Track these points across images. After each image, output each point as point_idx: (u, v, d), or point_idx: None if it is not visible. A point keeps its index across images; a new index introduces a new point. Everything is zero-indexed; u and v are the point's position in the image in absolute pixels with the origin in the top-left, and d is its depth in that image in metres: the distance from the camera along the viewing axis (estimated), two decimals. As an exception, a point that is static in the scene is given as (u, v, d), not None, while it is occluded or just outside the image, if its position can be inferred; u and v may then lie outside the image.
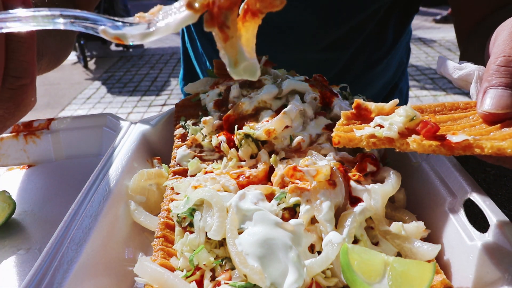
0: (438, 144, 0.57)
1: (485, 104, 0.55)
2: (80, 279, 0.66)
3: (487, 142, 0.54)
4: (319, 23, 1.27)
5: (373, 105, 0.70)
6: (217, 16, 0.44)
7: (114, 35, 0.46)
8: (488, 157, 0.58)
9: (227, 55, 0.46)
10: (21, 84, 0.57)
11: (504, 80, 0.54)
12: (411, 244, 0.70)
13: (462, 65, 0.70)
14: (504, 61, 0.55)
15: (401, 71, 1.61)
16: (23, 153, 1.26)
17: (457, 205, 0.76)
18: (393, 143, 0.62)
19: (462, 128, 0.60)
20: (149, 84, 6.78)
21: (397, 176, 0.80)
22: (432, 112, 0.65)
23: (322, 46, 1.33)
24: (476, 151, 0.54)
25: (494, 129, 0.56)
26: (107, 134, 1.24)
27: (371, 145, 0.64)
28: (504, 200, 1.04)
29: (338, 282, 0.66)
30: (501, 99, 0.53)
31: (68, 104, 6.14)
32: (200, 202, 0.75)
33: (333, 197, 0.73)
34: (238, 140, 0.91)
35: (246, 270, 0.63)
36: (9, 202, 1.01)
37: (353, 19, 1.27)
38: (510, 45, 0.55)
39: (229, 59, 0.46)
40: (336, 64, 1.40)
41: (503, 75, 0.54)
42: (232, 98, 1.02)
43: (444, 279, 0.66)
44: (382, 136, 0.63)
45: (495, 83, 0.54)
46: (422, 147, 0.59)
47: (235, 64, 0.46)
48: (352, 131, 0.67)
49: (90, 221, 0.74)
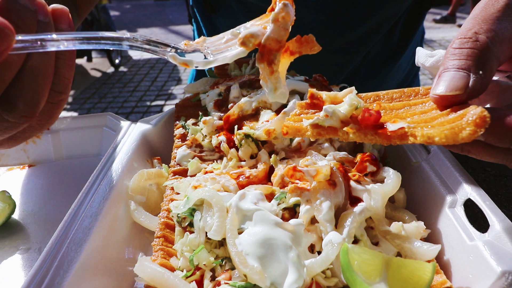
0: (373, 133, 0.55)
1: (437, 88, 0.53)
2: (80, 279, 0.66)
3: (420, 131, 0.51)
4: (332, 25, 1.26)
5: (325, 94, 0.67)
6: (267, 55, 0.52)
7: (183, 61, 0.55)
8: (452, 146, 0.56)
9: (270, 84, 0.54)
10: (61, 99, 0.61)
11: (457, 62, 0.52)
12: (411, 244, 0.70)
13: (434, 52, 0.67)
14: (458, 43, 0.54)
15: (413, 73, 1.60)
16: (23, 153, 1.25)
17: (457, 205, 0.76)
18: (336, 133, 0.60)
19: (412, 115, 0.57)
20: (149, 84, 6.78)
21: (397, 176, 0.80)
22: (389, 99, 0.62)
23: (336, 48, 1.32)
24: (410, 140, 0.52)
25: (441, 115, 0.53)
26: (107, 134, 1.24)
27: (316, 134, 0.62)
28: (504, 200, 1.04)
29: (338, 282, 0.66)
30: (452, 81, 0.52)
31: (68, 104, 6.14)
32: (200, 202, 0.75)
33: (333, 197, 0.73)
34: (238, 140, 0.91)
35: (246, 270, 0.63)
36: (9, 202, 1.01)
37: (369, 22, 1.26)
38: (469, 27, 0.54)
39: (271, 87, 0.54)
40: (347, 66, 1.39)
41: (457, 57, 0.53)
42: (232, 98, 1.02)
43: (444, 279, 0.66)
44: (325, 125, 0.60)
45: (449, 66, 0.53)
46: (359, 136, 0.57)
47: (275, 90, 0.54)
48: (302, 121, 0.64)
49: (90, 221, 0.74)
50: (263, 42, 0.52)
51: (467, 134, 0.47)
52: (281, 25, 0.53)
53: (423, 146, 0.93)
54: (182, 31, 9.81)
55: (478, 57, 0.51)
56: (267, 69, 0.53)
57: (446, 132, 0.49)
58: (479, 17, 0.54)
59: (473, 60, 0.51)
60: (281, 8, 0.53)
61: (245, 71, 1.15)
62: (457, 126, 0.49)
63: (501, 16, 0.54)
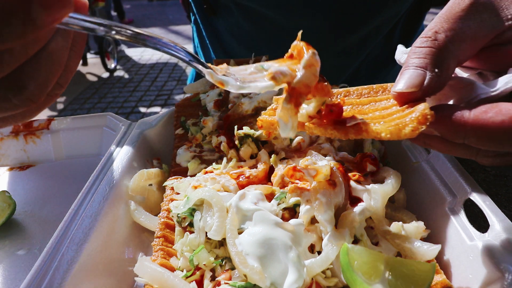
0: (332, 127, 0.57)
1: (396, 85, 0.55)
2: (80, 279, 0.66)
3: (372, 126, 0.53)
4: (333, 30, 1.26)
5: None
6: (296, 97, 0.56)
7: (220, 80, 0.57)
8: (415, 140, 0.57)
9: (290, 123, 0.57)
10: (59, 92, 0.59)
11: (416, 60, 0.54)
12: (411, 244, 0.70)
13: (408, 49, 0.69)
14: (419, 42, 0.55)
15: None
16: (23, 153, 1.26)
17: (457, 205, 0.76)
18: (303, 127, 0.61)
19: (375, 111, 0.58)
20: (149, 84, 6.78)
21: (397, 176, 0.80)
22: (358, 94, 0.64)
23: (336, 51, 1.32)
24: (364, 135, 0.54)
25: (398, 111, 0.55)
26: (107, 134, 1.24)
27: None
28: (504, 200, 1.04)
29: (338, 282, 0.66)
30: (410, 79, 0.53)
31: (68, 104, 6.14)
32: (200, 202, 0.75)
33: (333, 197, 0.73)
34: (238, 140, 0.91)
35: (246, 270, 0.63)
36: (9, 202, 1.01)
37: (369, 25, 1.26)
38: (431, 26, 0.56)
39: (291, 126, 0.57)
40: (348, 69, 1.39)
41: (416, 56, 0.55)
42: (232, 98, 1.02)
43: (444, 279, 0.66)
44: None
45: (409, 64, 0.55)
46: (320, 130, 0.58)
47: (292, 129, 0.57)
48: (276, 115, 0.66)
49: (90, 221, 0.74)
50: (294, 85, 0.55)
51: (409, 130, 0.49)
52: (311, 72, 0.56)
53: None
54: (182, 31, 9.80)
55: (435, 55, 0.53)
56: (293, 110, 0.55)
57: (391, 128, 0.51)
58: (443, 16, 0.56)
59: (430, 59, 0.53)
60: (311, 56, 0.57)
61: (245, 71, 1.15)
62: (402, 122, 0.51)
63: (464, 15, 0.55)
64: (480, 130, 0.48)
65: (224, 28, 1.39)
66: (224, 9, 1.35)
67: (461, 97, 0.58)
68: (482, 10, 0.55)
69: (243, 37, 1.34)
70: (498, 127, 0.47)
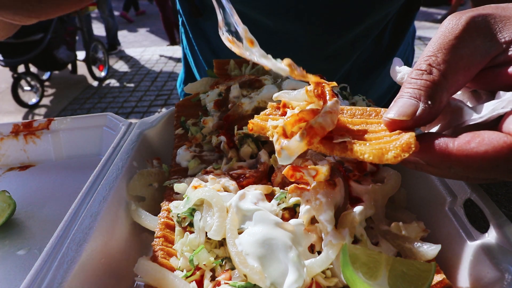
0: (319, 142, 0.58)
1: (388, 112, 0.56)
2: (80, 279, 0.66)
3: (357, 146, 0.54)
4: (320, 35, 1.25)
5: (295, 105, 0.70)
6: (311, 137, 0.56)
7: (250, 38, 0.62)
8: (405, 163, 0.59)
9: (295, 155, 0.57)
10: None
11: (411, 91, 0.56)
12: (411, 244, 0.70)
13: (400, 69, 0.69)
14: (415, 74, 0.57)
15: None
16: (23, 153, 1.26)
17: (457, 205, 0.76)
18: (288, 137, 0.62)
19: (363, 133, 0.60)
20: (149, 84, 6.79)
21: (397, 176, 0.80)
22: (351, 114, 0.65)
23: (325, 56, 1.32)
24: (348, 154, 0.55)
25: (386, 136, 0.56)
26: (107, 134, 1.24)
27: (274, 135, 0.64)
28: (504, 200, 1.04)
29: (338, 282, 0.66)
30: (402, 107, 0.55)
31: (68, 104, 6.15)
32: (200, 202, 0.75)
33: (333, 197, 0.73)
34: (238, 140, 0.91)
35: (246, 270, 0.63)
36: (9, 202, 1.01)
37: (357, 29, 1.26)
38: (425, 58, 0.57)
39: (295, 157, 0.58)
40: (338, 72, 1.39)
41: (411, 86, 0.56)
42: (232, 98, 1.02)
43: (444, 279, 0.66)
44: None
45: (403, 93, 0.56)
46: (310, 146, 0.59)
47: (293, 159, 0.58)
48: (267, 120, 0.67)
49: (90, 221, 0.74)
50: (313, 124, 0.56)
51: (391, 156, 0.51)
52: (331, 118, 0.58)
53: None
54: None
55: (429, 88, 0.55)
56: (303, 147, 0.56)
57: (374, 151, 0.52)
58: (437, 44, 0.57)
59: (424, 91, 0.55)
60: (334, 103, 0.59)
61: (245, 71, 1.15)
62: (386, 148, 0.52)
63: (457, 44, 0.56)
64: (464, 161, 0.49)
65: (211, 30, 1.39)
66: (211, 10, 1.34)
67: (449, 122, 0.59)
68: (476, 36, 0.56)
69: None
70: (481, 158, 0.48)
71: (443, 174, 0.58)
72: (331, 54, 1.32)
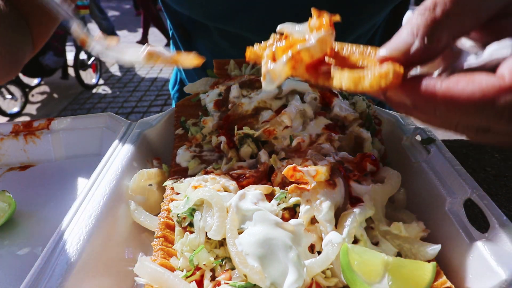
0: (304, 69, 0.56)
1: (382, 48, 0.54)
2: (80, 279, 0.66)
3: (339, 73, 0.52)
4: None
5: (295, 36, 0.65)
6: (296, 62, 0.55)
7: (82, 35, 0.63)
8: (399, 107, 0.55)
9: (279, 80, 0.56)
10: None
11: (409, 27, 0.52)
12: (411, 244, 0.71)
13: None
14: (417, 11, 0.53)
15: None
16: (23, 153, 1.25)
17: (457, 205, 0.76)
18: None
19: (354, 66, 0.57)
20: (149, 84, 6.79)
21: (397, 176, 0.80)
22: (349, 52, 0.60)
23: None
24: (331, 82, 0.53)
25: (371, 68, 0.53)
26: (107, 134, 1.24)
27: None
28: (504, 200, 1.04)
29: (338, 282, 0.66)
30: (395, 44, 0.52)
31: (68, 104, 6.14)
32: (200, 202, 0.75)
33: (333, 197, 0.73)
34: (238, 140, 0.91)
35: (246, 270, 0.63)
36: (9, 202, 1.01)
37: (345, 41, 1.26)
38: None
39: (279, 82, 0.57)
40: None
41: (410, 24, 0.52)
42: (232, 98, 1.02)
43: (444, 279, 0.66)
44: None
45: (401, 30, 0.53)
46: (291, 71, 0.57)
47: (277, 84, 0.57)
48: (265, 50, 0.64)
49: (90, 221, 0.74)
50: (300, 49, 0.54)
51: (368, 83, 0.49)
52: (321, 48, 0.55)
53: (423, 146, 0.93)
54: (182, 31, 9.80)
55: (428, 26, 0.51)
56: (287, 71, 0.55)
57: (351, 77, 0.50)
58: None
59: (423, 28, 0.51)
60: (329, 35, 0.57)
61: (245, 71, 1.15)
62: (364, 74, 0.49)
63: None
64: (449, 102, 0.46)
65: (202, 46, 1.39)
66: (201, 28, 1.34)
67: (448, 67, 0.56)
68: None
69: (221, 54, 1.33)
70: (467, 99, 0.45)
71: (428, 120, 0.54)
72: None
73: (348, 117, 0.95)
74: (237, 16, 1.17)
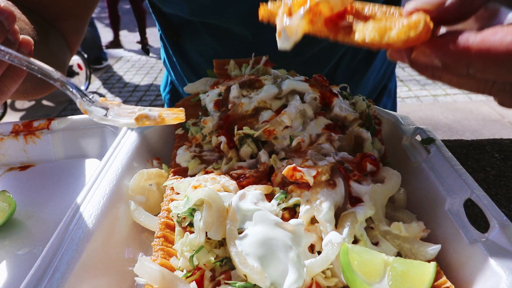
0: (323, 23, 0.52)
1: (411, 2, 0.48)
2: (80, 279, 0.66)
3: (361, 26, 0.48)
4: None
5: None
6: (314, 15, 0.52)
7: (85, 109, 0.71)
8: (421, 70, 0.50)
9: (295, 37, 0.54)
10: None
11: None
12: (411, 244, 0.71)
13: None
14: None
15: (389, 72, 1.59)
16: (23, 153, 1.25)
17: (457, 205, 0.76)
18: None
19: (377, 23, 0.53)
20: (149, 84, 6.79)
21: (397, 176, 0.80)
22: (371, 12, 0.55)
23: (304, 60, 1.30)
24: (352, 37, 0.49)
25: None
26: (107, 134, 1.24)
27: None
28: (504, 200, 1.04)
29: (338, 282, 0.66)
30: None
31: (68, 104, 6.14)
32: (200, 202, 0.75)
33: (333, 197, 0.73)
34: (238, 140, 0.91)
35: (246, 270, 0.63)
36: (9, 202, 1.01)
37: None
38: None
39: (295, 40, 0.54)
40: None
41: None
42: (232, 98, 1.02)
43: (444, 279, 0.66)
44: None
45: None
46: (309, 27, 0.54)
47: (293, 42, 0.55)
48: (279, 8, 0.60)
49: (90, 221, 0.74)
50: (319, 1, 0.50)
51: (395, 34, 0.45)
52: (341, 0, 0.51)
53: (423, 146, 0.93)
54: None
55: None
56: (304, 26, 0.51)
57: (377, 28, 0.46)
58: None
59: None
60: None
61: (245, 71, 1.15)
62: (392, 25, 0.45)
63: None
64: (485, 55, 0.41)
65: (190, 46, 1.38)
66: (189, 26, 1.34)
67: (483, 26, 0.49)
68: None
69: (210, 54, 1.32)
70: (505, 51, 0.39)
71: (460, 83, 0.48)
72: (311, 59, 1.31)
73: (348, 117, 0.95)
74: (225, 9, 1.16)
